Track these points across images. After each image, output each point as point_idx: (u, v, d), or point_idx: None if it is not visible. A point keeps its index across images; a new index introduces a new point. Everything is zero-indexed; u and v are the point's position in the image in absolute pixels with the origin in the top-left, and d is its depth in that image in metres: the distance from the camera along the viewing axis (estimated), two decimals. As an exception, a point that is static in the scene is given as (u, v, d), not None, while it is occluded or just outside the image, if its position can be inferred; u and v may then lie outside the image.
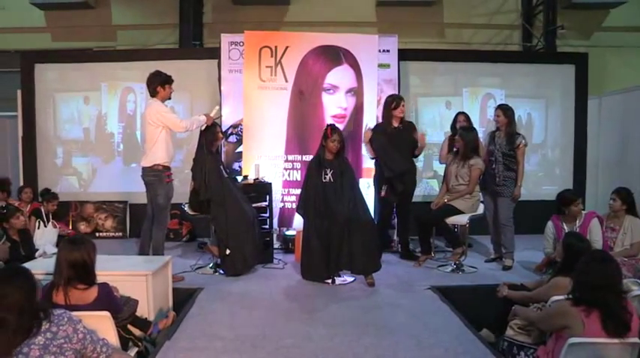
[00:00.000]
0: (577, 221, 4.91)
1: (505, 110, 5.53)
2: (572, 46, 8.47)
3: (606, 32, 8.80)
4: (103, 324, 2.66)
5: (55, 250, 4.17)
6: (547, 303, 3.12)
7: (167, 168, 5.11)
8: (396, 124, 5.74)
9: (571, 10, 8.51)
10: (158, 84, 5.08)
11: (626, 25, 8.74)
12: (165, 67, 5.38)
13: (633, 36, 8.79)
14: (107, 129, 7.61)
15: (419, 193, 7.46)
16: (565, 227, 4.90)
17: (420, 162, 7.57)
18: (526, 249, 6.10)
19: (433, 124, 7.44)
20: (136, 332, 3.29)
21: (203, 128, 5.26)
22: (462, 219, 5.36)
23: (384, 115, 5.83)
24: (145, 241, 5.17)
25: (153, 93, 5.12)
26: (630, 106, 7.35)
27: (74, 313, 2.32)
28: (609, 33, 8.78)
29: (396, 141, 5.70)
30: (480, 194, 5.57)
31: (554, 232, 4.93)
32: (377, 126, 5.94)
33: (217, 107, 5.59)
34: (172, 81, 5.17)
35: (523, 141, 5.45)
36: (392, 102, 5.72)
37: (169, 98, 5.24)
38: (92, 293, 2.87)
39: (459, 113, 6.23)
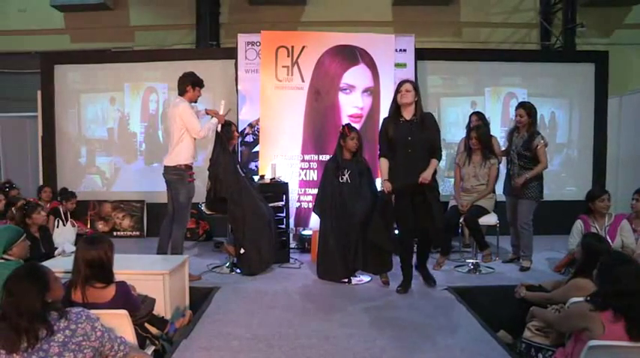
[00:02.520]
0: (606, 220, 4.86)
1: (529, 109, 5.33)
2: (592, 44, 8.35)
3: (628, 29, 8.63)
4: (120, 322, 2.68)
5: (74, 249, 4.23)
6: (565, 305, 3.08)
7: (190, 168, 5.14)
8: (408, 116, 4.53)
9: (591, 7, 8.37)
10: (189, 83, 5.13)
11: (650, 22, 8.58)
12: (183, 67, 5.42)
13: (656, 33, 8.63)
14: (130, 129, 7.70)
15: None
16: (596, 226, 4.86)
17: (442, 161, 7.51)
18: (546, 250, 6.04)
19: (457, 124, 7.36)
20: (153, 330, 3.31)
21: (219, 129, 5.29)
22: (491, 219, 5.34)
23: (392, 106, 4.64)
24: (163, 239, 5.20)
25: (182, 92, 5.17)
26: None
27: (92, 311, 2.35)
28: (631, 30, 8.61)
29: (405, 137, 4.49)
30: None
31: (583, 230, 4.87)
32: (384, 119, 4.73)
33: (223, 101, 5.47)
34: (203, 85, 5.23)
35: (542, 141, 5.26)
36: (397, 88, 4.59)
37: (196, 101, 5.29)
38: (110, 291, 2.90)
39: (472, 113, 6.20)
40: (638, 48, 8.52)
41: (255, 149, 6.75)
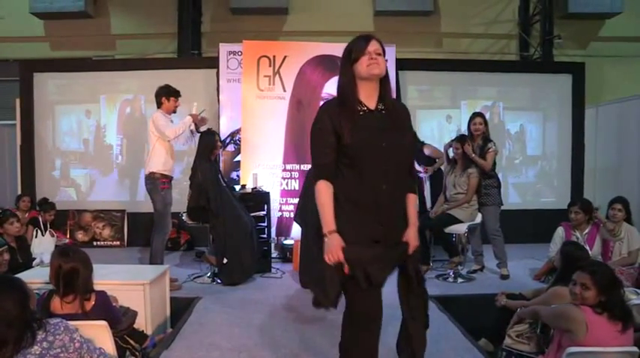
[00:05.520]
0: (587, 229, 4.98)
1: (484, 117, 5.55)
2: (569, 56, 8.51)
3: (603, 42, 8.84)
4: (99, 333, 2.64)
5: (53, 259, 4.16)
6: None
7: (165, 176, 5.14)
8: (372, 104, 2.50)
9: (567, 19, 8.56)
10: (163, 95, 5.20)
11: (622, 35, 8.79)
12: (164, 76, 5.43)
13: (629, 46, 8.83)
14: (106, 141, 7.63)
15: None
16: (576, 234, 4.98)
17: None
18: (526, 258, 6.10)
19: (432, 138, 7.26)
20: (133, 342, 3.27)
21: (192, 127, 5.28)
22: (460, 228, 5.35)
23: (342, 83, 2.65)
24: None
25: (158, 105, 5.24)
26: (626, 116, 7.38)
27: (71, 322, 2.31)
28: (606, 43, 8.83)
29: (375, 142, 2.38)
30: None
31: (563, 237, 4.99)
32: (322, 109, 2.70)
33: (204, 109, 5.59)
34: (179, 95, 5.27)
35: (494, 146, 5.41)
36: (350, 53, 2.52)
37: (174, 111, 5.30)
38: (89, 302, 2.86)
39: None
40: (611, 59, 8.72)
41: (237, 158, 6.74)
